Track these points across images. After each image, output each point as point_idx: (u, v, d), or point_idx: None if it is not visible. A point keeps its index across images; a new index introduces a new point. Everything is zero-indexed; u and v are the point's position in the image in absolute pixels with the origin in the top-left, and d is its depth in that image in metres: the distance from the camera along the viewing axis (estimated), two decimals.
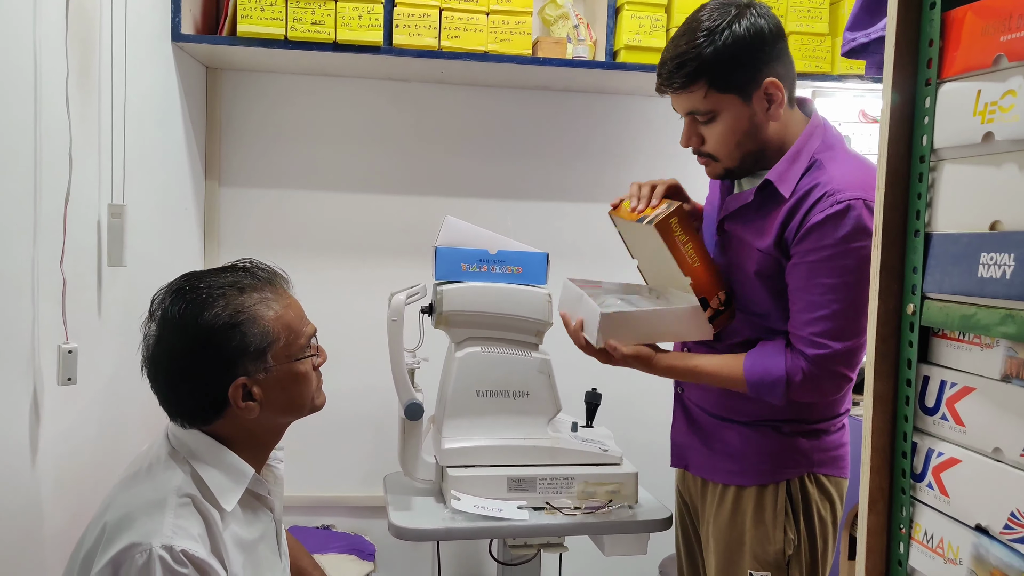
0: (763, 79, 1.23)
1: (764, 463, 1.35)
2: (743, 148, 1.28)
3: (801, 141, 1.27)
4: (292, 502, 2.08)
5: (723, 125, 1.26)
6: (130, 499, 0.99)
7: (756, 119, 1.25)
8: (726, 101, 1.24)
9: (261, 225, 2.07)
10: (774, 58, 1.24)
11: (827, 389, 1.27)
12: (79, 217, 1.28)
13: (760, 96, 1.24)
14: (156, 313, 1.04)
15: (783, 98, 1.24)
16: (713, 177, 1.38)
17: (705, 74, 1.21)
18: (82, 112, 1.27)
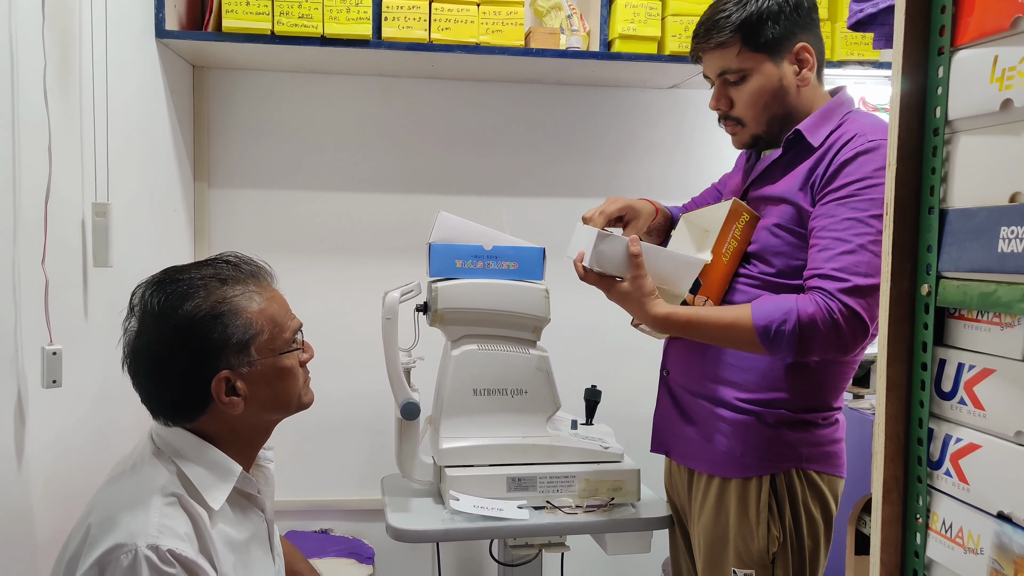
0: (795, 43, 1.28)
1: (749, 455, 1.31)
2: (770, 111, 1.30)
3: (833, 103, 1.30)
4: (289, 506, 2.05)
5: (753, 85, 1.29)
6: (114, 500, 0.96)
7: (785, 82, 1.29)
8: (757, 60, 1.28)
9: (252, 225, 2.04)
10: (808, 26, 1.29)
11: (842, 335, 1.17)
12: (62, 216, 1.25)
13: (791, 59, 1.29)
14: (136, 307, 1.01)
15: (814, 63, 1.29)
16: (739, 146, 1.38)
17: (741, 30, 1.27)
18: (62, 107, 1.24)
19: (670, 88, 2.20)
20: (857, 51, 1.94)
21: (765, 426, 1.31)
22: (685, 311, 1.30)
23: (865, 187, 1.18)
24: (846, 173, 1.20)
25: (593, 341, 2.21)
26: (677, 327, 1.31)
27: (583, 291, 2.19)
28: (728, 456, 1.33)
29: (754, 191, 1.36)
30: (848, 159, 1.20)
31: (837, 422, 1.35)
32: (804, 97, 1.30)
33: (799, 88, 1.30)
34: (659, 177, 2.21)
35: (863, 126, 1.23)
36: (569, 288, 2.09)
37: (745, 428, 1.32)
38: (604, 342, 2.21)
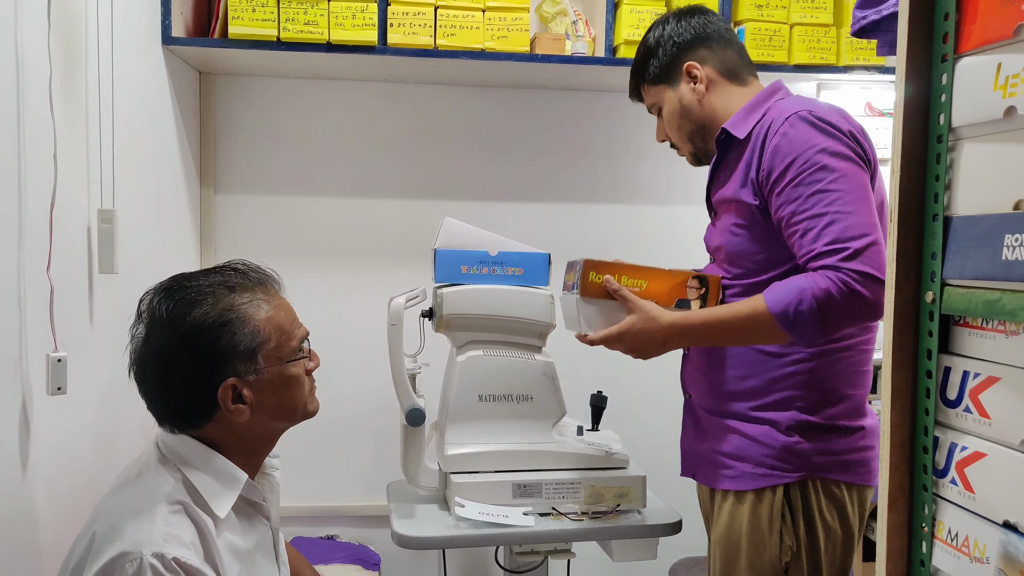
0: (683, 64, 1.40)
1: (761, 466, 1.31)
2: (685, 129, 1.43)
3: (758, 97, 1.37)
4: (295, 512, 2.05)
5: (666, 112, 1.44)
6: (119, 507, 0.96)
7: (685, 100, 1.41)
8: (659, 91, 1.44)
9: (258, 231, 2.04)
10: (690, 46, 1.40)
11: (863, 300, 1.14)
12: (68, 222, 1.25)
13: (685, 79, 1.40)
14: (144, 313, 1.01)
15: (703, 75, 1.39)
16: (692, 164, 1.50)
17: (639, 73, 1.46)
18: (68, 114, 1.25)
19: None
20: (863, 56, 1.93)
21: (780, 434, 1.30)
22: (698, 313, 1.30)
23: (808, 159, 1.20)
24: (782, 157, 1.22)
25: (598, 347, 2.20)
26: (694, 333, 1.30)
27: None
28: (742, 470, 1.32)
29: (713, 197, 1.42)
30: (777, 143, 1.23)
31: (863, 429, 1.33)
32: (711, 105, 1.39)
33: (701, 100, 1.39)
34: (664, 183, 2.21)
35: (781, 108, 1.28)
36: None
37: (759, 439, 1.32)
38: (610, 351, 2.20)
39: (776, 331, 1.21)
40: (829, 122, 1.22)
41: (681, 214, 2.21)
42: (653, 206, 2.21)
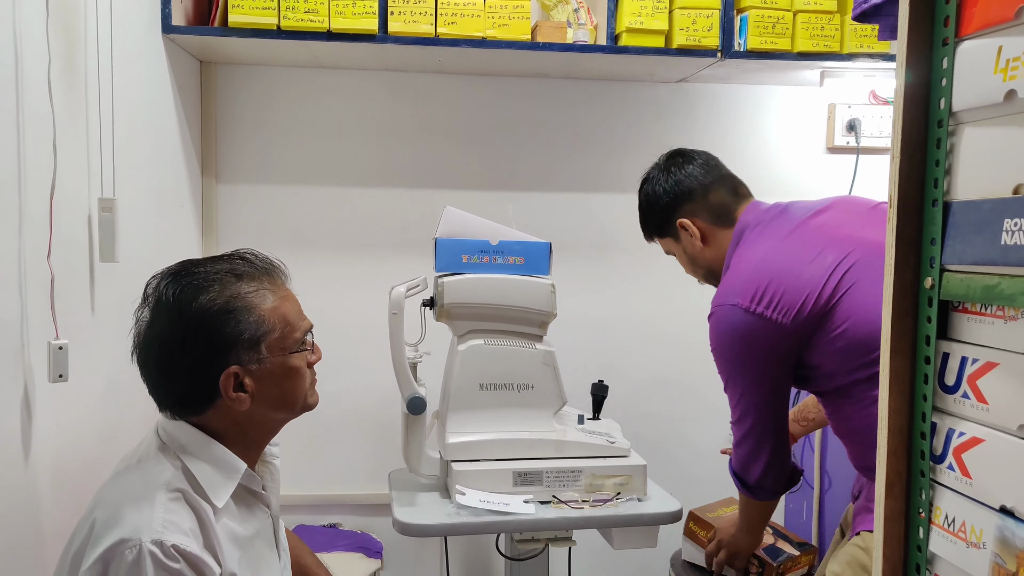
0: (675, 220, 1.49)
1: None
2: (698, 273, 1.55)
3: (727, 258, 1.46)
4: (298, 500, 2.06)
5: (678, 259, 1.57)
6: (119, 495, 0.96)
7: (689, 251, 1.51)
8: (666, 243, 1.55)
9: (259, 221, 2.05)
10: (677, 202, 1.48)
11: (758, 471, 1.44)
12: (68, 211, 1.25)
13: (680, 233, 1.49)
14: (150, 297, 1.02)
15: (695, 231, 1.48)
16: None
17: (645, 228, 1.58)
18: (67, 103, 1.25)
19: (678, 82, 2.18)
20: (867, 44, 1.92)
21: None
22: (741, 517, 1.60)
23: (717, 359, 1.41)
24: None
25: (599, 336, 2.20)
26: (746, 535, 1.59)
27: (589, 286, 2.20)
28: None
29: None
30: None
31: None
32: (711, 253, 1.49)
33: (701, 249, 1.49)
34: None
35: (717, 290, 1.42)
36: (575, 283, 2.10)
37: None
38: (611, 337, 2.21)
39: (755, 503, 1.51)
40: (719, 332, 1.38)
41: None
42: None
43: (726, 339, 1.35)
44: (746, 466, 1.44)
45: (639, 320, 2.21)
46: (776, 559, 1.68)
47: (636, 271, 2.19)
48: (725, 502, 2.05)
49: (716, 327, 1.37)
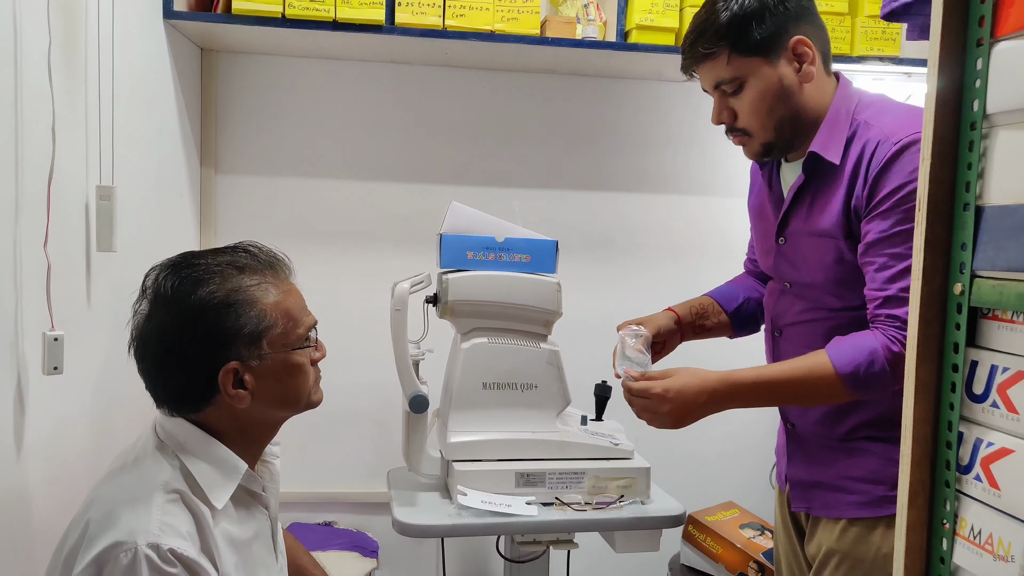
0: (789, 38, 1.19)
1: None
2: (776, 115, 1.22)
3: (836, 105, 1.22)
4: (293, 498, 2.03)
5: (752, 92, 1.21)
6: (114, 495, 0.93)
7: (786, 81, 1.21)
8: (751, 65, 1.20)
9: (259, 213, 2.01)
10: (799, 16, 1.20)
11: None
12: (65, 198, 1.22)
13: (788, 56, 1.20)
14: (148, 289, 0.99)
15: (814, 56, 1.21)
16: (752, 157, 1.31)
17: (725, 37, 1.19)
18: (67, 87, 1.21)
19: (685, 81, 2.15)
20: (877, 46, 1.90)
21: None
22: (748, 371, 1.20)
23: (908, 194, 1.11)
24: (883, 184, 1.13)
25: (604, 336, 2.17)
26: (743, 392, 1.21)
27: (595, 285, 2.18)
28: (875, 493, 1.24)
29: (794, 225, 1.28)
30: (879, 172, 1.14)
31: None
32: (811, 93, 1.22)
33: (803, 85, 1.21)
34: (672, 171, 2.18)
35: (881, 130, 1.16)
36: (581, 282, 2.08)
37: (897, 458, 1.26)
38: (615, 337, 2.18)
39: (840, 391, 1.14)
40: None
41: (690, 203, 2.19)
42: (662, 194, 2.18)
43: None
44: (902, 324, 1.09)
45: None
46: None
47: (642, 270, 2.17)
48: (725, 506, 2.03)
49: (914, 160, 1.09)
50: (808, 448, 1.33)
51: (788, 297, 1.34)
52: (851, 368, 1.13)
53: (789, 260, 1.31)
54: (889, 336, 1.12)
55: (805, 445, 1.34)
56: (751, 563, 1.64)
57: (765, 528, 1.91)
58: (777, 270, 1.35)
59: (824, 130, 1.21)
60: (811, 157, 1.21)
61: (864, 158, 1.16)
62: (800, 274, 1.30)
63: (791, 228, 1.29)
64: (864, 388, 1.13)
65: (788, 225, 1.30)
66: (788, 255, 1.31)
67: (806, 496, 1.33)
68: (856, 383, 1.13)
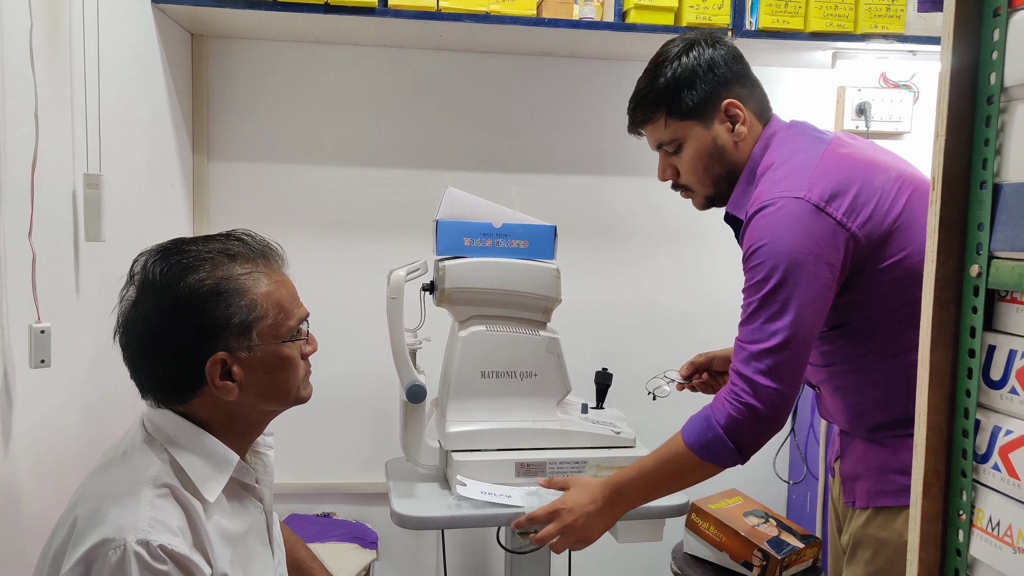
0: (721, 101, 1.24)
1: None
2: (711, 172, 1.28)
3: (752, 161, 1.26)
4: (291, 489, 2.01)
5: (689, 152, 1.27)
6: (103, 490, 0.90)
7: (720, 141, 1.26)
8: (686, 128, 1.26)
9: (252, 201, 1.98)
10: (729, 81, 1.25)
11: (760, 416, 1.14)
12: (51, 186, 1.19)
13: (721, 118, 1.25)
14: (136, 275, 0.95)
15: (746, 117, 1.25)
16: (699, 208, 1.36)
17: (662, 103, 1.25)
18: (51, 72, 1.18)
19: None
20: (881, 24, 1.86)
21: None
22: (627, 468, 1.26)
23: (750, 253, 1.15)
24: (744, 243, 1.19)
25: (604, 322, 2.15)
26: (630, 489, 1.25)
27: (594, 271, 2.15)
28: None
29: None
30: (745, 229, 1.19)
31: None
32: (744, 150, 1.26)
33: (736, 144, 1.26)
34: None
35: (764, 187, 1.19)
36: (580, 268, 2.05)
37: None
38: (615, 323, 2.16)
39: (701, 465, 1.18)
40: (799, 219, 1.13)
41: None
42: None
43: (788, 230, 1.11)
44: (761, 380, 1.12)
45: (644, 306, 2.16)
46: (780, 551, 1.65)
47: (641, 255, 2.14)
48: (727, 493, 2.01)
49: (774, 217, 1.13)
50: (855, 444, 1.33)
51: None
52: (697, 440, 1.17)
53: None
54: (722, 398, 1.16)
55: (854, 441, 1.33)
56: (755, 551, 1.62)
57: (769, 516, 1.89)
58: None
59: (737, 189, 1.27)
60: (728, 215, 1.29)
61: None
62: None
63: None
64: (717, 458, 1.17)
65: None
66: None
67: (851, 490, 1.32)
68: (707, 454, 1.17)
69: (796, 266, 1.11)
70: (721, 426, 1.15)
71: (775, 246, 1.12)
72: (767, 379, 1.13)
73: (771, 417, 1.15)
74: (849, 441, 1.33)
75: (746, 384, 1.14)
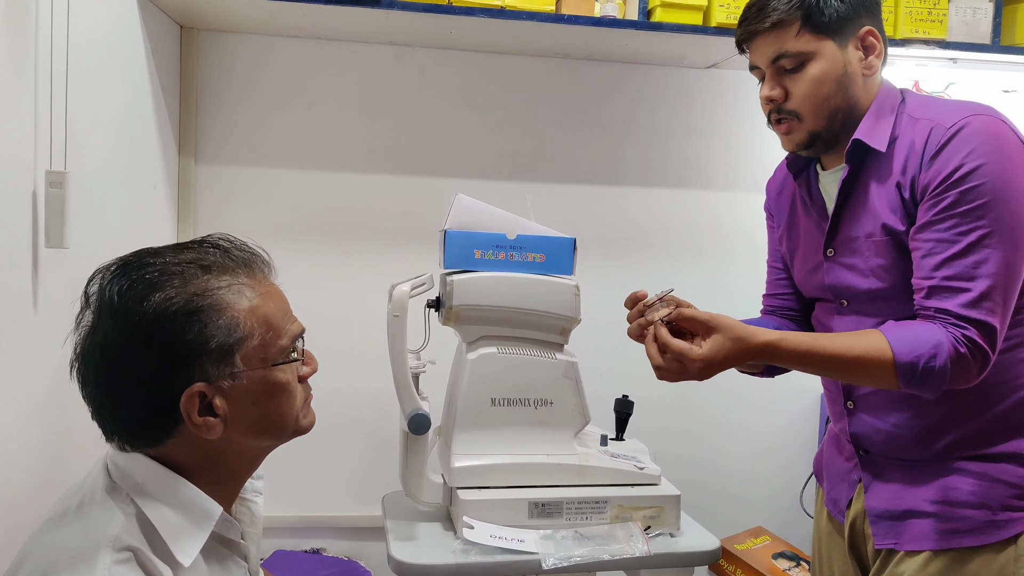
0: (861, 26, 1.15)
1: (1007, 509, 1.09)
2: (832, 102, 1.14)
3: (881, 98, 1.17)
4: (278, 522, 1.85)
5: (814, 72, 1.13)
6: (52, 551, 0.75)
7: (850, 69, 1.14)
8: (819, 43, 1.13)
9: (244, 207, 1.83)
10: (872, 8, 1.16)
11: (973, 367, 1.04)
12: (5, 184, 1.04)
13: (856, 44, 1.15)
14: (93, 296, 0.80)
15: (881, 50, 1.16)
16: (792, 147, 1.21)
17: (802, 7, 1.12)
18: (10, 60, 1.03)
19: (708, 68, 2.00)
20: (922, 29, 1.74)
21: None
22: (797, 338, 1.08)
23: (963, 175, 1.04)
24: (937, 167, 1.06)
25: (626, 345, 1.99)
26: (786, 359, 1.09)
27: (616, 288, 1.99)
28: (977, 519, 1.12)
29: (845, 231, 1.19)
30: (935, 154, 1.07)
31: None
32: (869, 88, 1.16)
33: (865, 77, 1.15)
34: (694, 162, 2.02)
35: (933, 118, 1.10)
36: (601, 285, 1.90)
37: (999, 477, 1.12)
38: (637, 345, 2.01)
39: (890, 379, 1.05)
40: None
41: (715, 199, 2.03)
42: (685, 189, 2.02)
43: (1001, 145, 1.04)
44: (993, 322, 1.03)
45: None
46: None
47: (664, 270, 2.01)
48: (754, 532, 1.87)
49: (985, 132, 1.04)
50: (892, 474, 1.18)
51: (848, 317, 1.21)
52: (910, 357, 1.04)
53: (845, 271, 1.20)
54: (954, 335, 1.03)
55: (887, 471, 1.19)
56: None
57: (800, 558, 1.74)
58: (831, 287, 1.22)
59: (868, 119, 1.15)
60: (856, 146, 1.14)
61: (916, 147, 1.10)
62: (861, 283, 1.17)
63: (842, 235, 1.20)
64: (917, 383, 1.05)
65: (839, 232, 1.20)
66: (843, 266, 1.20)
67: (894, 529, 1.16)
68: (911, 376, 1.04)
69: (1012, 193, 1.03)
70: (952, 360, 1.02)
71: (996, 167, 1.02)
72: (996, 319, 1.03)
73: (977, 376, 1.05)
74: (879, 469, 1.19)
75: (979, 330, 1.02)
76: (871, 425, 1.19)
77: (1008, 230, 1.02)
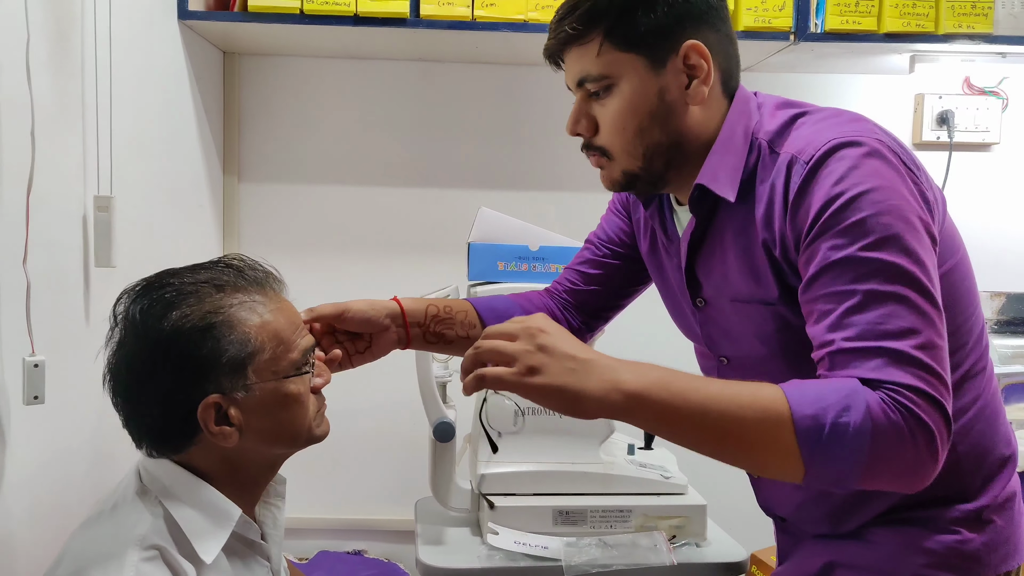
0: (683, 41, 0.88)
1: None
2: (647, 138, 0.91)
3: (729, 126, 0.91)
4: (320, 524, 1.92)
5: (621, 99, 0.90)
6: (85, 550, 0.81)
7: (668, 96, 0.89)
8: (627, 63, 0.89)
9: (283, 222, 1.91)
10: (702, 16, 0.89)
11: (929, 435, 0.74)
12: (56, 210, 1.12)
13: (677, 65, 0.89)
14: (119, 315, 0.87)
15: (710, 72, 0.89)
16: (610, 186, 0.99)
17: (603, 20, 0.88)
18: (56, 90, 1.11)
19: None
20: (967, 23, 1.67)
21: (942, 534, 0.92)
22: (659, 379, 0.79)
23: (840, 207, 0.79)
24: (805, 209, 0.82)
25: (649, 352, 1.98)
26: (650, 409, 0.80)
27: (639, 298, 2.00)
28: None
29: (707, 287, 0.97)
30: (798, 194, 0.82)
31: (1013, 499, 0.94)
32: (697, 118, 0.91)
33: (688, 106, 0.90)
34: None
35: (792, 147, 0.86)
36: None
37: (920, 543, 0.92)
38: (662, 353, 1.98)
39: (783, 448, 0.74)
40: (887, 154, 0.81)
41: None
42: None
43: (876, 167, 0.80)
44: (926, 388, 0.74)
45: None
46: None
47: None
48: None
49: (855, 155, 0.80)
50: (805, 543, 1.02)
51: (730, 374, 1.01)
52: (812, 410, 0.73)
53: (717, 329, 1.00)
54: (880, 397, 0.73)
55: (802, 540, 1.03)
56: None
57: None
58: (705, 340, 1.03)
59: (713, 157, 0.90)
60: (699, 192, 0.91)
61: (776, 189, 0.85)
62: (737, 347, 0.98)
63: (705, 291, 0.98)
64: (822, 447, 0.73)
65: (700, 287, 0.99)
66: (714, 322, 1.00)
67: None
68: (814, 437, 0.73)
69: (910, 224, 0.78)
70: (873, 422, 0.72)
71: (877, 195, 0.78)
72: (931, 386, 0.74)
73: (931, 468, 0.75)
74: (803, 540, 1.02)
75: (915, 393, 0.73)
76: (775, 488, 1.03)
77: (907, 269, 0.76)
